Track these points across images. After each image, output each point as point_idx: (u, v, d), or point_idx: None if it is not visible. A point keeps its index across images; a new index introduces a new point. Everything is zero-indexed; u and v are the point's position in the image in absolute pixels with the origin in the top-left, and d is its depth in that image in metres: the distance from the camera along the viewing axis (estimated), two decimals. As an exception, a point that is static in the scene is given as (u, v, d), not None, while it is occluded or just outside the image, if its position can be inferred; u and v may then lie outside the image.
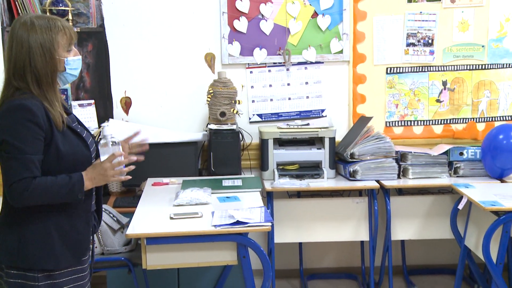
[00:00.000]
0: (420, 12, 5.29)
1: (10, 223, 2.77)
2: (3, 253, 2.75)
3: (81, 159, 2.82)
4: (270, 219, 3.58)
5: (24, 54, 2.67)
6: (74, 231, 2.83)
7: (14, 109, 2.63)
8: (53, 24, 2.72)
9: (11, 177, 2.61)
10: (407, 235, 5.10)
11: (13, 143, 2.60)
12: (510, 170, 4.92)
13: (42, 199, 2.67)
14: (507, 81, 5.43)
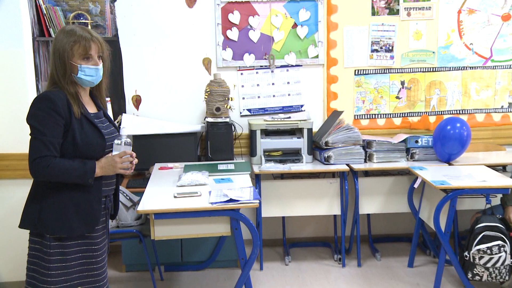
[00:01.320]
0: (382, 24, 5.25)
1: (33, 197, 2.84)
2: (27, 219, 2.83)
3: (95, 147, 2.84)
4: (258, 197, 3.59)
5: (53, 54, 2.79)
6: (86, 205, 2.85)
7: (40, 99, 2.74)
8: (72, 34, 2.78)
9: (33, 154, 2.70)
10: (372, 210, 5.08)
11: (37, 127, 2.70)
12: (456, 155, 4.94)
13: (58, 177, 2.73)
14: (453, 81, 5.42)
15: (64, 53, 2.75)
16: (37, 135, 2.69)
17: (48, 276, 2.75)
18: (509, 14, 5.34)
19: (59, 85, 2.78)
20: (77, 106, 2.78)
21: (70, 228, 2.77)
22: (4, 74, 4.26)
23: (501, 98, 5.48)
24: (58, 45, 2.77)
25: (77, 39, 2.75)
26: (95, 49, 2.83)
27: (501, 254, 4.10)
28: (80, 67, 2.77)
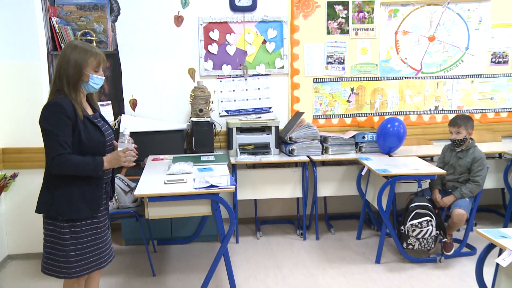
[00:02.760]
0: (335, 41, 5.27)
1: (46, 187, 2.80)
2: (41, 205, 2.79)
3: (97, 143, 2.82)
4: (234, 183, 3.60)
5: (65, 64, 2.73)
6: (91, 192, 2.84)
7: (52, 105, 2.70)
8: (89, 50, 2.80)
9: (52, 152, 2.67)
10: (327, 193, 5.10)
11: (51, 129, 2.67)
12: (395, 148, 5.01)
13: (74, 171, 2.73)
14: (392, 89, 5.45)
15: (82, 64, 2.74)
16: (52, 136, 2.66)
17: (64, 251, 2.75)
18: (433, 36, 5.40)
19: (63, 93, 2.73)
20: (81, 110, 2.76)
21: (78, 211, 2.76)
22: (24, 82, 4.23)
23: (429, 103, 5.54)
24: (76, 57, 2.74)
25: (93, 54, 2.78)
26: (103, 65, 2.87)
27: (428, 228, 4.19)
28: (91, 76, 2.78)
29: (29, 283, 4.03)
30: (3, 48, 4.17)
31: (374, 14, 5.27)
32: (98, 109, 2.99)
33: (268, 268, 4.28)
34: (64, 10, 4.79)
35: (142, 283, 3.98)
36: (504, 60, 5.55)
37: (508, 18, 5.46)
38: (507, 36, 5.50)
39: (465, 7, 5.40)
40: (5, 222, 4.37)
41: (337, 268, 4.27)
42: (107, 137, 2.88)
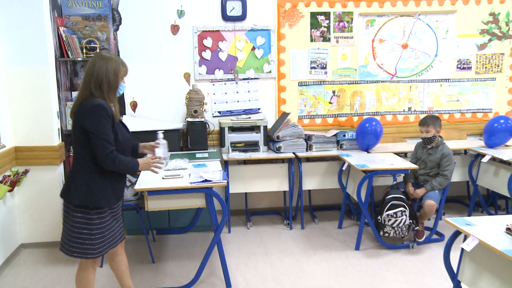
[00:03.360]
0: (318, 48, 5.28)
1: (84, 177, 2.87)
2: (75, 195, 2.86)
3: (127, 142, 3.03)
4: (226, 178, 3.61)
5: (103, 73, 2.84)
6: (118, 185, 3.01)
7: (97, 107, 2.79)
8: (120, 62, 2.94)
9: (104, 150, 2.79)
10: (312, 186, 5.12)
11: (100, 129, 2.78)
12: (372, 145, 5.04)
13: (121, 167, 2.90)
14: (370, 91, 5.47)
15: (118, 72, 2.89)
16: (103, 136, 2.78)
17: (91, 235, 2.87)
18: (406, 44, 5.42)
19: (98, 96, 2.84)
20: (116, 112, 2.93)
21: (108, 201, 2.91)
22: (34, 86, 4.23)
23: (403, 104, 5.55)
24: (113, 66, 2.87)
25: (124, 65, 2.95)
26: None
27: (403, 217, 4.22)
28: (121, 85, 2.96)
29: (41, 269, 4.04)
30: (15, 56, 4.17)
31: (353, 23, 5.28)
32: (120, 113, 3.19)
33: (257, 255, 4.29)
34: (70, 20, 4.78)
35: (143, 269, 3.99)
36: (468, 66, 5.59)
37: (471, 29, 5.50)
38: (470, 45, 5.54)
39: (434, 19, 5.44)
40: (18, 214, 4.38)
41: (320, 255, 4.28)
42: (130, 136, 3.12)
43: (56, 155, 4.37)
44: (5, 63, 4.18)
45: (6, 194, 4.02)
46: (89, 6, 4.79)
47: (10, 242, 4.25)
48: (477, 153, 5.06)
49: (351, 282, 3.77)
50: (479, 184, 5.14)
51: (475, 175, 5.17)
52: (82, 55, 4.70)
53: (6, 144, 4.10)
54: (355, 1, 5.24)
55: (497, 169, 4.86)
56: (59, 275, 3.93)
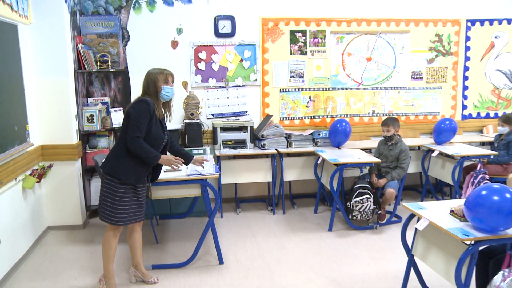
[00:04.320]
0: (296, 60, 5.30)
1: (116, 155, 3.07)
2: (107, 165, 3.07)
3: (159, 139, 3.13)
4: (218, 171, 3.64)
5: (145, 82, 3.15)
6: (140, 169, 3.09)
7: (143, 101, 3.04)
8: (158, 71, 3.15)
9: (132, 133, 2.97)
10: (292, 177, 5.12)
11: (137, 117, 2.98)
12: (343, 143, 5.04)
13: (141, 153, 3.01)
14: (340, 97, 5.48)
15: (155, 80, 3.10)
16: (136, 122, 2.96)
17: (114, 204, 3.04)
18: (370, 57, 5.47)
19: (149, 96, 3.07)
20: (158, 111, 3.10)
21: (129, 178, 3.03)
22: (57, 93, 4.27)
23: (368, 107, 5.58)
24: (152, 77, 3.12)
25: (161, 72, 3.13)
26: (171, 78, 3.19)
27: (368, 203, 4.27)
28: (163, 88, 3.12)
29: (64, 247, 4.07)
30: (43, 68, 4.22)
31: (325, 39, 5.31)
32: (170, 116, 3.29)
33: (246, 236, 4.30)
34: (87, 38, 4.78)
35: (148, 248, 3.99)
36: (420, 76, 5.65)
37: (422, 46, 5.58)
38: (421, 59, 5.61)
39: (392, 37, 5.51)
40: (44, 201, 4.40)
41: (299, 236, 4.30)
42: (165, 138, 3.20)
43: (74, 152, 4.39)
44: (34, 74, 4.21)
45: (34, 185, 4.03)
46: (102, 26, 4.79)
47: (39, 224, 4.28)
48: (428, 149, 5.11)
49: (325, 258, 3.79)
50: (430, 174, 5.20)
51: (427, 167, 5.23)
52: (96, 67, 4.70)
53: (34, 143, 4.11)
54: (327, 21, 5.28)
55: (444, 162, 4.94)
56: (80, 252, 3.96)
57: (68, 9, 4.41)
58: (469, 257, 2.45)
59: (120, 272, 3.55)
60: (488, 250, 2.74)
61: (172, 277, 3.48)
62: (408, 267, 3.02)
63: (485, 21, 5.71)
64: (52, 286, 3.38)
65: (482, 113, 5.91)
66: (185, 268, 3.64)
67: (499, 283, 2.40)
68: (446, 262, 2.63)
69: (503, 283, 2.39)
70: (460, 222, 2.59)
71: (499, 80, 5.88)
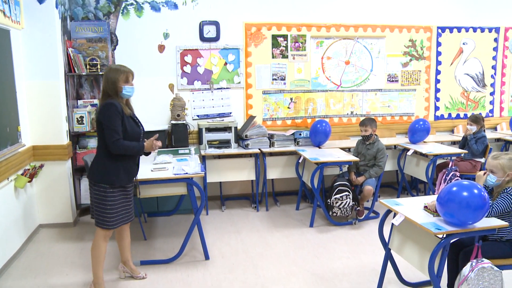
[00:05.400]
0: (278, 63, 5.32)
1: (101, 160, 2.99)
2: (95, 173, 2.98)
3: (136, 134, 3.06)
4: (204, 170, 3.65)
5: (106, 82, 2.97)
6: (130, 167, 3.06)
7: (109, 105, 2.91)
8: (118, 71, 2.98)
9: (111, 138, 2.88)
10: (274, 176, 5.13)
11: (110, 121, 2.89)
12: (323, 142, 5.06)
13: (126, 151, 2.96)
14: (320, 98, 5.52)
15: (115, 80, 2.94)
16: (111, 126, 2.87)
17: (105, 209, 2.98)
18: (348, 61, 5.51)
19: (111, 96, 2.94)
20: (126, 109, 2.99)
21: (120, 180, 2.98)
22: (47, 96, 4.23)
23: (347, 109, 5.63)
24: (111, 75, 2.96)
25: (122, 72, 2.98)
26: (131, 78, 3.04)
27: (347, 200, 4.29)
28: (124, 87, 2.97)
29: (56, 244, 4.04)
30: (33, 71, 4.18)
31: (306, 44, 5.35)
32: (133, 111, 3.14)
33: (230, 232, 4.31)
34: (77, 42, 4.73)
35: (137, 245, 3.97)
36: (395, 79, 5.73)
37: (396, 51, 5.67)
38: (396, 63, 5.69)
39: (369, 42, 5.57)
40: (36, 200, 4.36)
41: (281, 231, 4.31)
42: (141, 131, 3.13)
43: (65, 152, 4.36)
44: (26, 77, 4.17)
45: (26, 184, 4.01)
46: (92, 31, 4.75)
47: (31, 222, 4.24)
48: (404, 148, 5.18)
49: (307, 252, 3.81)
50: (405, 172, 5.27)
51: (402, 165, 5.29)
52: (86, 71, 4.67)
53: (26, 144, 4.07)
54: (308, 26, 5.32)
55: (418, 160, 5.01)
56: (70, 249, 3.93)
57: (59, 14, 4.37)
58: (441, 250, 2.51)
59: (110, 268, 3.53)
60: (458, 243, 2.81)
61: (160, 272, 3.47)
62: (385, 260, 3.06)
63: (454, 28, 5.83)
64: (44, 282, 3.35)
65: (453, 114, 6.03)
66: (172, 263, 3.63)
67: (467, 273, 2.47)
68: (420, 254, 2.67)
69: (471, 272, 2.46)
70: (433, 217, 2.63)
71: (467, 83, 6.02)
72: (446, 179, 4.58)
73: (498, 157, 2.77)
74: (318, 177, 4.41)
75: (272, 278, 3.37)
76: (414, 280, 3.23)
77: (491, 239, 2.78)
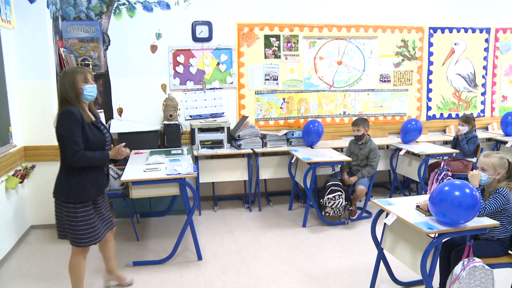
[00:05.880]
0: (271, 64, 5.31)
1: (64, 175, 2.73)
2: (60, 191, 2.73)
3: (100, 142, 2.78)
4: (196, 170, 3.62)
5: (62, 86, 2.70)
6: (97, 179, 2.80)
7: (65, 113, 2.63)
8: (75, 71, 2.74)
9: (70, 150, 2.63)
10: (267, 176, 5.13)
11: (68, 132, 2.62)
12: (316, 142, 5.07)
13: (89, 163, 2.70)
14: (313, 99, 5.51)
15: (73, 82, 2.68)
16: (70, 137, 2.61)
17: (78, 227, 2.73)
18: (341, 61, 5.52)
19: (70, 102, 2.66)
20: (87, 116, 2.70)
21: (89, 194, 2.74)
22: (39, 96, 4.19)
23: (339, 109, 5.63)
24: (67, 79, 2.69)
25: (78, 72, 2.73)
26: (90, 76, 2.77)
27: (340, 200, 4.30)
28: (84, 88, 2.70)
29: (47, 245, 4.01)
30: (25, 72, 4.14)
31: (298, 44, 5.35)
32: (98, 116, 2.90)
33: (223, 233, 4.30)
34: (69, 42, 4.71)
35: (129, 246, 3.97)
36: (388, 79, 5.74)
37: (389, 51, 5.68)
38: (388, 63, 5.71)
39: (361, 42, 5.58)
40: (27, 201, 4.32)
41: (274, 231, 4.31)
42: (107, 138, 2.86)
43: (57, 152, 4.12)
44: (17, 78, 4.13)
45: (18, 185, 3.98)
46: (84, 31, 4.74)
47: (22, 223, 4.21)
48: (396, 148, 5.21)
49: (299, 252, 3.81)
50: (398, 172, 5.29)
51: (395, 165, 5.32)
52: (78, 71, 4.65)
53: (17, 144, 4.04)
54: (300, 26, 5.32)
55: (410, 160, 5.03)
56: (62, 250, 3.89)
57: (50, 14, 4.33)
58: (433, 249, 2.51)
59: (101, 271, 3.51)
60: (450, 242, 2.82)
61: (152, 273, 3.46)
62: (378, 259, 3.07)
63: (446, 29, 5.86)
64: (36, 283, 3.32)
65: (445, 114, 6.06)
66: (165, 264, 3.61)
67: (459, 272, 2.48)
68: (412, 254, 2.68)
69: (463, 271, 2.46)
70: (425, 217, 2.64)
71: (459, 83, 6.05)
72: (438, 179, 4.61)
73: (489, 155, 2.80)
74: (311, 177, 4.41)
75: (265, 278, 3.36)
76: (406, 279, 3.24)
77: (482, 238, 2.79)
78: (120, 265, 3.58)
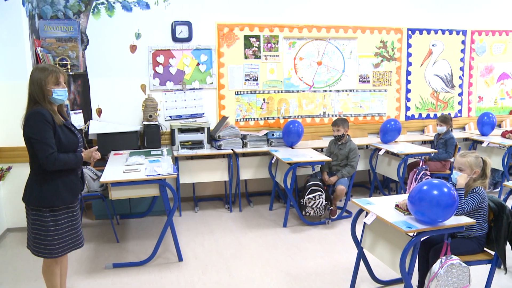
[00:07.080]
0: (251, 64, 5.31)
1: (35, 180, 2.55)
2: (31, 198, 2.55)
3: (73, 144, 2.62)
4: (176, 171, 3.65)
5: (30, 86, 2.52)
6: (71, 183, 2.63)
7: (34, 114, 2.46)
8: (46, 71, 2.52)
9: (43, 153, 2.46)
10: (247, 176, 5.13)
11: (38, 134, 2.46)
12: (296, 142, 5.09)
13: (63, 166, 2.53)
14: (293, 99, 5.54)
15: (42, 83, 2.49)
16: (42, 140, 2.45)
17: (48, 236, 2.57)
18: (321, 61, 5.56)
19: (39, 103, 2.50)
20: (58, 118, 2.54)
21: (63, 200, 2.57)
22: (15, 96, 4.05)
23: (319, 109, 5.67)
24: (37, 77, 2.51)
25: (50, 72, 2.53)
26: (63, 78, 2.60)
27: (320, 200, 4.32)
28: (54, 91, 2.53)
29: (24, 249, 3.88)
30: (0, 71, 4.04)
31: (278, 44, 5.36)
32: (66, 117, 2.73)
33: (204, 233, 4.28)
34: (46, 42, 4.63)
35: (109, 247, 3.94)
36: (367, 80, 5.80)
37: (368, 52, 5.75)
38: (368, 64, 5.77)
39: (341, 42, 5.63)
40: (3, 203, 4.24)
41: (255, 232, 4.32)
42: (79, 139, 2.72)
43: None
44: (-8, 78, 4.05)
45: (-8, 187, 3.90)
46: (61, 30, 4.66)
47: (-2, 227, 4.12)
48: (375, 148, 5.27)
49: (280, 252, 3.82)
50: (377, 171, 5.36)
51: (374, 164, 5.38)
52: (55, 71, 4.57)
53: (-9, 146, 3.95)
54: (280, 27, 5.34)
55: (390, 160, 5.10)
56: (36, 256, 3.84)
57: (26, 12, 4.24)
58: (412, 248, 2.55)
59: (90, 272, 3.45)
60: (428, 241, 2.87)
61: (133, 274, 3.42)
62: (358, 258, 3.09)
63: (424, 30, 5.96)
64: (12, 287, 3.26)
65: (423, 114, 6.16)
66: (145, 265, 3.58)
67: (437, 269, 2.52)
68: (391, 252, 2.71)
69: (441, 269, 2.51)
70: (404, 216, 2.68)
71: (437, 84, 6.16)
72: (417, 178, 4.68)
73: (465, 155, 2.85)
74: (291, 177, 4.43)
75: (246, 278, 3.36)
76: (386, 278, 3.28)
77: (459, 236, 2.85)
78: (100, 267, 3.55)
